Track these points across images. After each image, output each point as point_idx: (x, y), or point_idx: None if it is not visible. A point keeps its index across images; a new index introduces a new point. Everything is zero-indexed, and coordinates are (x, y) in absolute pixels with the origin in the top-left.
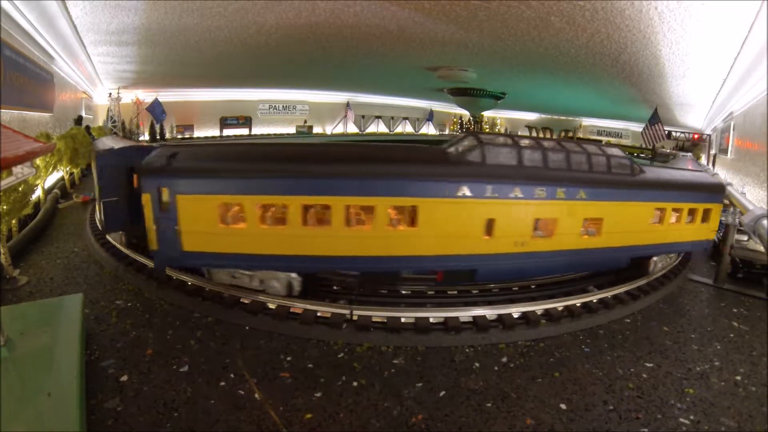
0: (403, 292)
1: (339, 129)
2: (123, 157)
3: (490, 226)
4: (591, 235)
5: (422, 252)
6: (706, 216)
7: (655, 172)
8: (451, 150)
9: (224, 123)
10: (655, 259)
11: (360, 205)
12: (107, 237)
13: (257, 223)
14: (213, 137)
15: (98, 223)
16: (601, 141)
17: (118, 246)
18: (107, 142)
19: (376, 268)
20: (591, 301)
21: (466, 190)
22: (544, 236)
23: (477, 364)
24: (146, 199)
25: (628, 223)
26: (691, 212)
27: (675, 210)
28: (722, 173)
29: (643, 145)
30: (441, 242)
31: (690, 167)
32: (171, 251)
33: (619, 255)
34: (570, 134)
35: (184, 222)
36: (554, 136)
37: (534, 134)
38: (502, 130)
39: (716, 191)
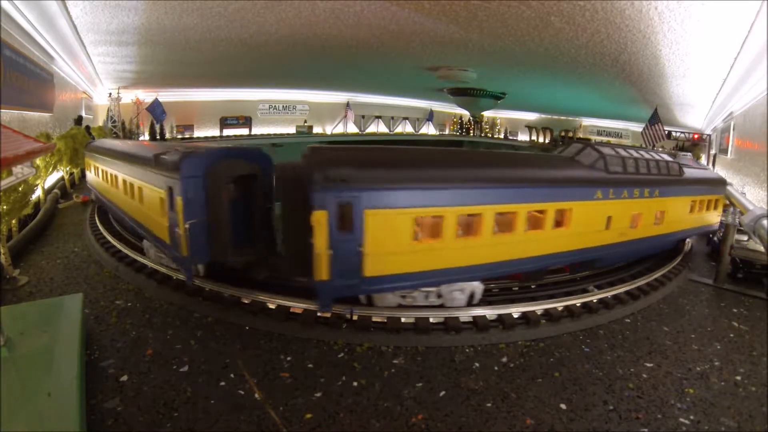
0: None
1: (339, 129)
2: (215, 163)
3: (609, 222)
4: (657, 224)
5: (569, 247)
6: (716, 205)
7: (689, 172)
8: (580, 159)
9: (224, 123)
10: (687, 240)
11: (536, 210)
12: (193, 280)
13: (453, 236)
14: (213, 137)
15: (162, 257)
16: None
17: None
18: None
19: (542, 266)
20: (591, 301)
21: (599, 193)
22: (633, 227)
23: (477, 364)
24: (321, 217)
25: (678, 213)
26: (708, 202)
27: (701, 201)
28: (722, 173)
29: (643, 145)
30: (580, 237)
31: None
32: (347, 279)
33: (672, 239)
34: (570, 134)
35: (370, 242)
36: (554, 136)
37: (534, 134)
38: (502, 130)
39: (721, 184)
